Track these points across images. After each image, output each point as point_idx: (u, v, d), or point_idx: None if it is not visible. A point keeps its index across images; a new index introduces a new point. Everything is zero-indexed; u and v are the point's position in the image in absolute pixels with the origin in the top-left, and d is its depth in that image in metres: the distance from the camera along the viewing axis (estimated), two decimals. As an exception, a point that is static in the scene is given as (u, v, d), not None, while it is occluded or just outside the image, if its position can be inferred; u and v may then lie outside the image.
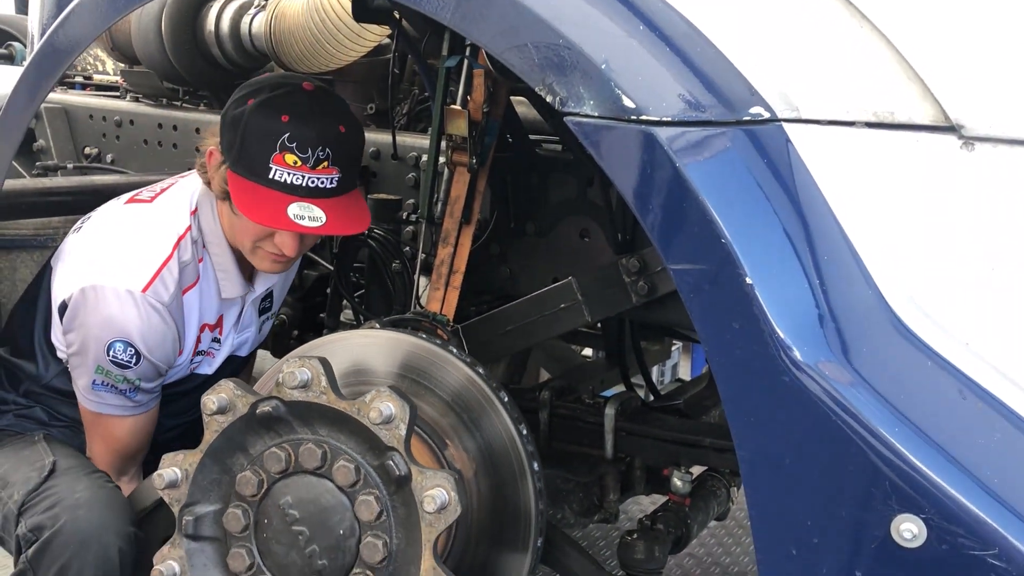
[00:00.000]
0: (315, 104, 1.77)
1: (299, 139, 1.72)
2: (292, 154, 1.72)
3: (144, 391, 1.88)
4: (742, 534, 3.21)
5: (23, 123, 1.80)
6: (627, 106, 1.16)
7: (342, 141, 1.77)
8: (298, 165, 1.72)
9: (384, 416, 1.43)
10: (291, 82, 1.81)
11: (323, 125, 1.74)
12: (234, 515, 1.50)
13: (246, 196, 1.75)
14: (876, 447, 1.07)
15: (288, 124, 1.72)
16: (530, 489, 1.61)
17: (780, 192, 1.18)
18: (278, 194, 1.73)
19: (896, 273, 1.17)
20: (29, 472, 1.82)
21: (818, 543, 1.11)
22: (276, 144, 1.71)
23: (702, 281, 1.14)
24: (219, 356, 2.03)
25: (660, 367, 3.91)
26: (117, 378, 1.83)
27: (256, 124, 1.73)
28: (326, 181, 1.75)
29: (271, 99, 1.75)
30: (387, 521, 1.44)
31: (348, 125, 1.79)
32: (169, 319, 1.83)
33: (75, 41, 1.73)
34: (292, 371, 1.47)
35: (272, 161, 1.72)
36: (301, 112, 1.73)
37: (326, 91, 1.85)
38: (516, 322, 1.98)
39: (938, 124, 1.15)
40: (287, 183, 1.73)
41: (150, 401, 1.93)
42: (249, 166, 1.74)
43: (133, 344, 1.80)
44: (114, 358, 1.80)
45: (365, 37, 2.37)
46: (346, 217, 1.78)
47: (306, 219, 1.73)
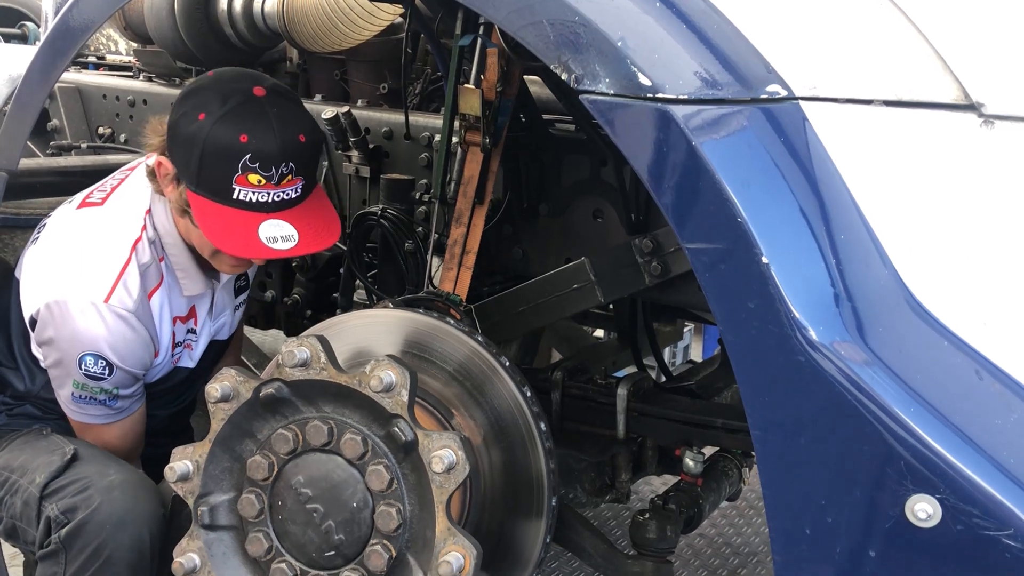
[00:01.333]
0: (272, 115, 1.69)
1: (261, 159, 1.66)
2: (255, 174, 1.67)
3: (124, 397, 1.86)
4: (754, 515, 3.22)
5: (38, 102, 1.80)
6: (643, 84, 1.15)
7: (303, 150, 1.72)
8: (262, 184, 1.67)
9: (385, 384, 1.44)
10: (240, 87, 1.72)
11: (284, 139, 1.68)
12: (248, 500, 1.51)
13: (212, 221, 1.70)
14: (891, 427, 1.06)
15: (248, 144, 1.65)
16: (539, 450, 1.61)
17: (796, 171, 1.17)
18: (245, 214, 1.69)
19: (913, 252, 1.16)
20: (50, 457, 1.82)
21: (832, 523, 1.11)
22: (238, 165, 1.66)
23: (717, 260, 1.14)
24: (198, 346, 2.01)
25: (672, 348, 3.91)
26: (94, 390, 1.81)
27: (214, 145, 1.66)
28: (290, 192, 1.71)
29: (226, 116, 1.66)
30: (399, 489, 1.45)
31: (307, 130, 1.74)
32: (138, 324, 1.80)
33: (88, 21, 1.73)
34: (291, 350, 1.48)
35: (235, 182, 1.67)
36: (260, 128, 1.66)
37: (280, 93, 1.76)
38: (529, 302, 1.98)
39: (958, 102, 1.14)
40: (252, 202, 1.68)
41: (132, 404, 1.91)
42: (211, 188, 1.69)
43: (103, 356, 1.77)
44: (87, 371, 1.78)
45: (378, 16, 2.35)
46: (317, 227, 1.75)
47: (279, 240, 1.69)
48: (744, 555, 3.02)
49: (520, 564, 1.63)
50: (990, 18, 1.13)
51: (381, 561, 1.44)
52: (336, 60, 2.64)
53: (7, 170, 1.86)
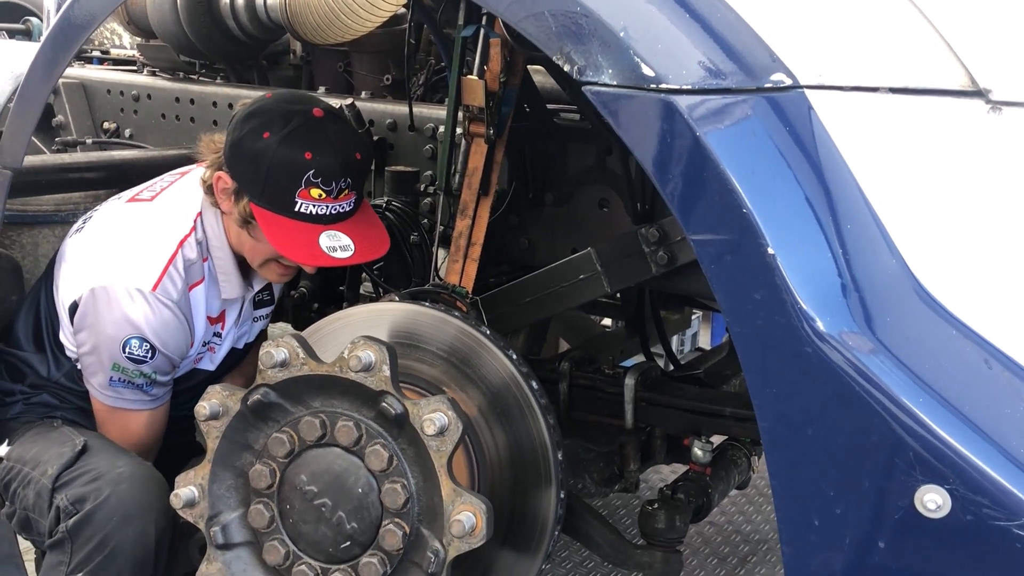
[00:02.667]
0: (333, 135, 1.82)
1: (324, 174, 1.78)
2: (318, 188, 1.79)
3: (160, 384, 1.92)
4: (763, 502, 3.22)
5: (41, 99, 1.80)
6: (646, 74, 1.14)
7: (359, 167, 1.86)
8: (323, 198, 1.79)
9: (364, 363, 1.46)
10: (300, 108, 1.84)
11: (344, 156, 1.81)
12: (257, 512, 1.52)
13: (277, 231, 1.81)
14: (900, 417, 1.06)
15: (312, 161, 1.78)
16: (540, 422, 1.61)
17: (802, 160, 1.16)
18: (305, 225, 1.80)
19: (921, 241, 1.15)
20: (61, 449, 1.84)
21: (841, 513, 1.10)
22: (302, 180, 1.78)
23: (723, 251, 1.13)
24: (220, 350, 2.08)
25: (680, 336, 3.90)
26: (133, 373, 1.87)
27: (280, 161, 1.78)
28: (346, 205, 1.84)
29: (291, 135, 1.79)
30: (400, 464, 1.46)
31: (362, 149, 1.88)
32: (179, 314, 1.88)
33: (90, 16, 1.72)
34: (268, 351, 1.50)
35: (298, 196, 1.79)
36: (323, 147, 1.79)
37: (335, 115, 1.90)
38: (535, 293, 1.97)
39: (965, 89, 1.12)
40: (313, 214, 1.80)
41: (165, 395, 1.97)
42: (274, 200, 1.80)
43: (147, 340, 1.84)
44: (130, 354, 1.84)
45: (381, 7, 2.34)
46: (370, 237, 1.88)
47: (338, 250, 1.81)
48: (754, 542, 3.02)
49: (536, 530, 1.63)
50: (997, 4, 1.12)
51: (396, 539, 1.44)
52: (339, 52, 2.64)
53: (12, 168, 1.86)
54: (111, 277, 1.83)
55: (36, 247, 2.56)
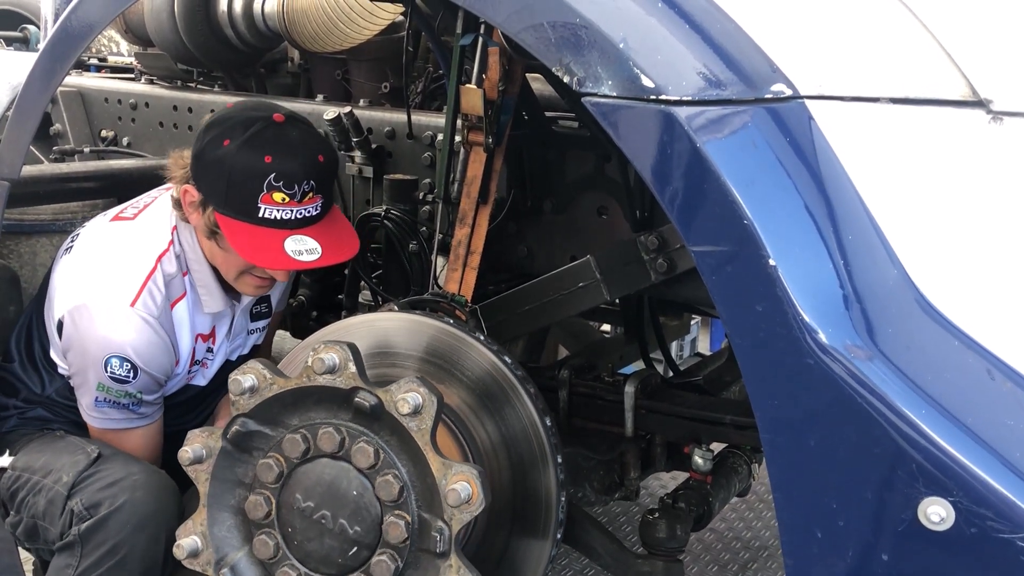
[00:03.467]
0: (294, 138, 1.80)
1: (285, 177, 1.76)
2: (280, 192, 1.76)
3: (147, 403, 1.90)
4: (764, 508, 3.21)
5: (39, 110, 1.79)
6: (646, 86, 1.14)
7: (323, 169, 1.82)
8: (286, 201, 1.77)
9: (328, 366, 1.47)
10: (261, 115, 1.82)
11: (305, 159, 1.79)
12: (261, 543, 1.52)
13: (241, 238, 1.79)
14: (903, 429, 1.05)
15: (272, 164, 1.76)
16: (530, 407, 1.62)
17: (803, 170, 1.16)
18: (270, 231, 1.78)
19: (922, 251, 1.15)
20: (75, 457, 1.84)
21: (844, 525, 1.10)
22: (263, 184, 1.75)
23: (724, 263, 1.13)
24: (213, 365, 2.05)
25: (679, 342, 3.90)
26: (118, 393, 1.85)
27: (240, 167, 1.76)
28: (312, 209, 1.81)
29: (250, 139, 1.77)
30: (387, 456, 1.46)
31: (325, 152, 1.85)
32: (160, 330, 1.86)
33: (88, 26, 1.72)
34: (236, 379, 1.52)
35: (260, 201, 1.76)
36: (282, 150, 1.77)
37: (297, 119, 1.87)
38: (534, 301, 1.97)
39: (966, 99, 1.12)
40: (277, 219, 1.78)
41: (154, 412, 1.95)
42: (237, 207, 1.78)
43: (129, 359, 1.82)
44: (112, 374, 1.82)
45: (379, 15, 2.34)
46: (338, 241, 1.85)
47: (304, 253, 1.79)
48: (755, 549, 3.02)
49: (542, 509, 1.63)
50: (997, 14, 1.11)
51: (400, 530, 1.44)
52: (337, 60, 2.63)
53: (9, 179, 1.86)
54: (91, 295, 1.83)
55: (34, 256, 2.55)
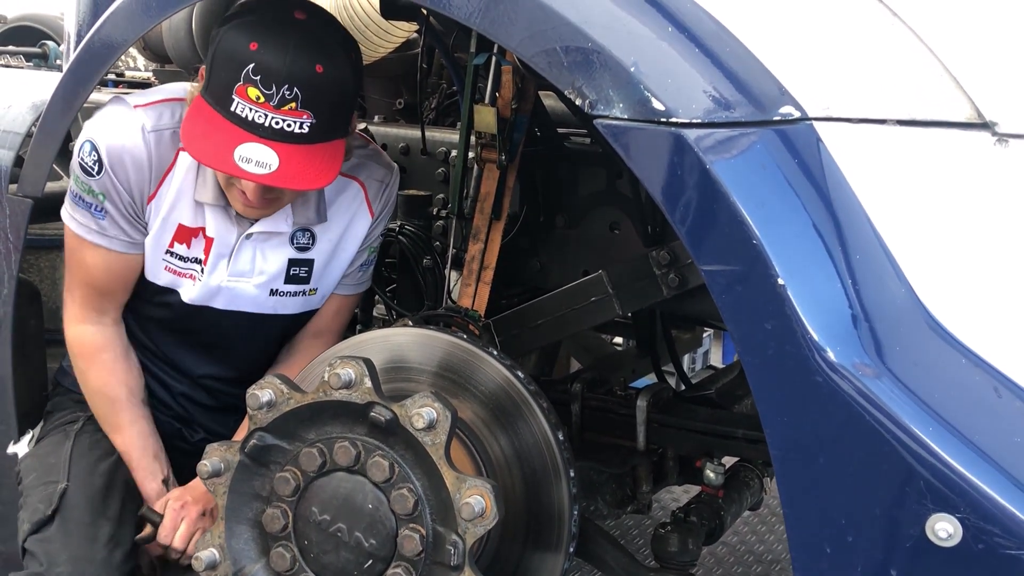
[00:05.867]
0: (296, 36, 1.56)
1: (264, 72, 1.53)
2: (255, 88, 1.54)
3: (111, 217, 1.75)
4: (775, 522, 3.21)
5: (62, 129, 1.83)
6: (657, 108, 1.16)
7: (316, 83, 1.56)
8: (260, 101, 1.54)
9: (345, 381, 1.48)
10: (280, 6, 1.62)
11: (295, 61, 1.54)
12: (278, 555, 1.54)
13: (198, 123, 1.59)
14: (910, 446, 1.07)
15: (256, 53, 1.54)
16: (543, 421, 1.63)
17: (811, 191, 1.17)
18: (235, 129, 1.56)
19: (929, 270, 1.16)
20: (39, 501, 1.82)
21: (853, 541, 1.11)
22: (240, 74, 1.54)
23: (734, 282, 1.14)
24: (200, 282, 1.82)
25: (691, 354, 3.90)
26: (84, 186, 1.73)
27: (225, 48, 1.57)
28: (294, 124, 1.56)
29: (248, 22, 1.57)
30: (401, 470, 1.48)
31: (329, 66, 1.58)
32: (147, 144, 1.71)
33: (111, 47, 1.75)
34: (254, 394, 1.53)
35: (235, 93, 1.55)
36: (275, 43, 1.54)
37: (319, 24, 1.63)
38: (547, 315, 1.99)
39: (971, 121, 1.14)
40: (248, 119, 1.55)
41: (119, 241, 1.79)
42: (215, 94, 1.58)
43: (98, 149, 1.70)
44: (81, 160, 1.72)
45: (393, 33, 2.38)
46: (307, 170, 1.58)
47: (252, 163, 1.54)
48: (767, 563, 3.02)
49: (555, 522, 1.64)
50: (1002, 37, 1.13)
51: (414, 543, 1.46)
52: (352, 76, 2.66)
53: (32, 196, 1.90)
54: (117, 96, 1.79)
55: (53, 271, 2.59)
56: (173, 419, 2.03)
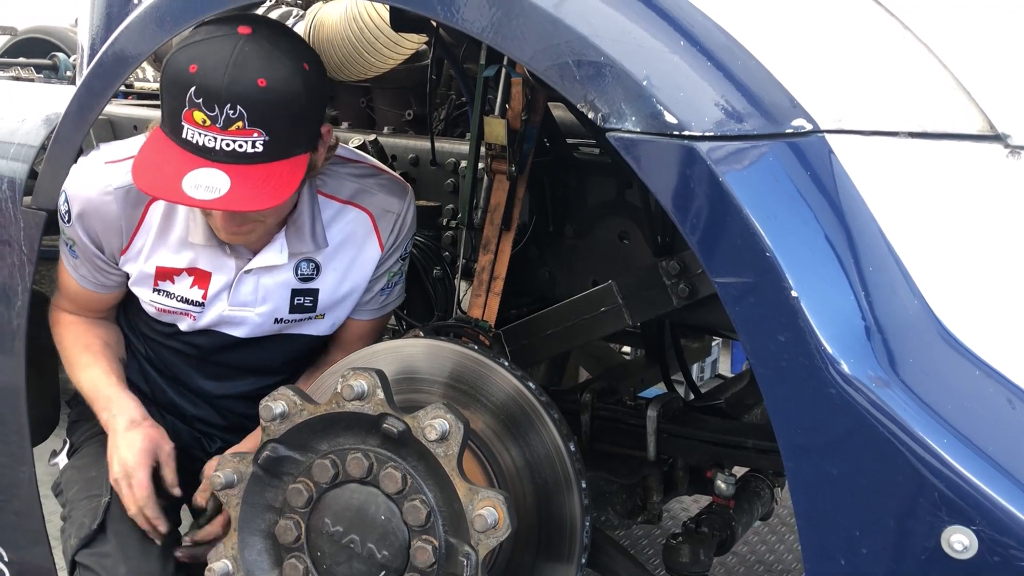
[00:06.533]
0: (237, 52, 1.51)
1: (205, 94, 1.49)
2: (199, 111, 1.49)
3: (81, 261, 1.85)
4: (786, 531, 3.20)
5: (76, 143, 1.84)
6: (669, 122, 1.17)
7: (261, 98, 1.49)
8: (207, 124, 1.50)
9: (357, 392, 1.49)
10: (228, 25, 1.56)
11: (234, 79, 1.48)
12: (291, 567, 1.55)
13: (152, 153, 1.56)
14: (925, 458, 1.07)
15: (195, 75, 1.49)
16: (554, 432, 1.63)
17: (824, 203, 1.18)
18: (187, 156, 1.52)
19: (942, 282, 1.17)
20: (83, 515, 1.83)
21: (867, 553, 1.11)
22: (185, 98, 1.50)
23: (746, 293, 1.15)
24: (201, 319, 1.83)
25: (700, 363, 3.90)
26: (62, 228, 1.84)
27: (169, 74, 1.53)
28: (246, 144, 1.50)
29: (191, 45, 1.54)
30: (414, 481, 1.48)
31: (275, 79, 1.51)
32: (112, 203, 1.73)
33: (124, 61, 1.77)
34: (267, 405, 1.53)
35: (183, 118, 1.51)
36: (214, 62, 1.49)
37: (264, 36, 1.55)
38: (557, 325, 1.99)
39: (983, 133, 1.14)
40: (199, 145, 1.51)
41: (88, 281, 1.88)
42: (168, 123, 1.56)
43: (69, 201, 1.77)
44: (59, 206, 1.81)
45: (403, 45, 2.39)
46: (260, 191, 1.52)
47: (201, 189, 1.49)
48: (778, 573, 3.01)
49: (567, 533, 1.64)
50: (1014, 50, 1.14)
51: (427, 555, 1.46)
52: (362, 88, 2.68)
53: (47, 209, 1.91)
54: (99, 147, 1.82)
55: (66, 282, 2.60)
56: (190, 435, 2.04)
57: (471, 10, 1.30)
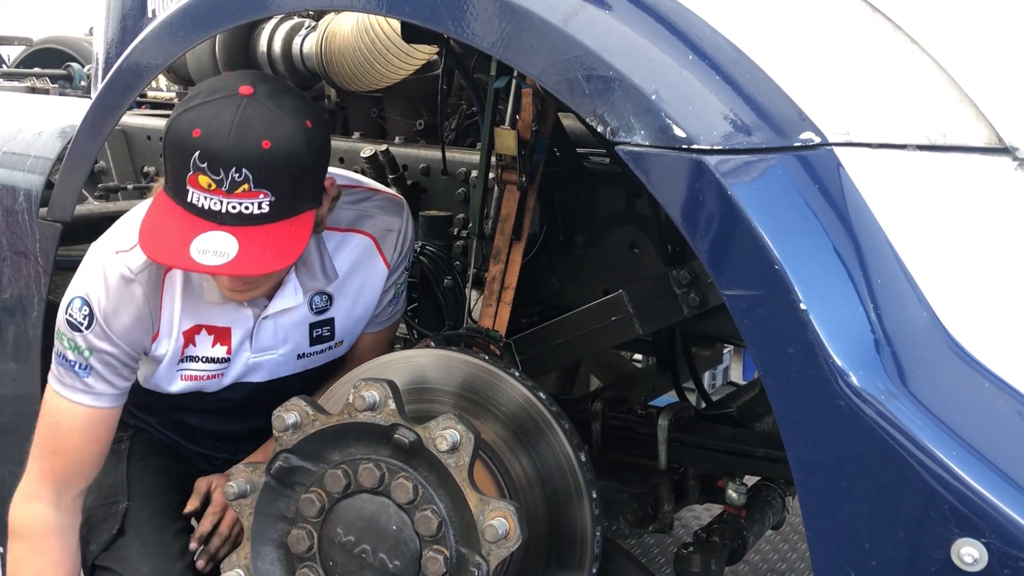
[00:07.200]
0: (239, 114, 1.49)
1: (209, 158, 1.47)
2: (205, 175, 1.48)
3: (97, 374, 1.70)
4: (798, 540, 3.20)
5: (91, 155, 1.87)
6: (678, 135, 1.17)
7: (266, 160, 1.48)
8: (213, 188, 1.48)
9: (369, 403, 1.50)
10: (231, 84, 1.55)
11: (238, 141, 1.47)
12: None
13: (159, 222, 1.54)
14: (934, 470, 1.07)
15: (199, 140, 1.48)
16: (564, 443, 1.64)
17: (832, 216, 1.18)
18: (194, 220, 1.50)
19: (950, 294, 1.17)
20: (102, 521, 1.85)
21: (876, 565, 1.11)
22: (189, 163, 1.48)
23: (755, 306, 1.15)
24: (229, 375, 1.84)
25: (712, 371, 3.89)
26: (68, 344, 1.68)
27: (172, 138, 1.52)
28: (252, 206, 1.49)
29: (193, 109, 1.52)
30: (425, 491, 1.49)
31: (279, 139, 1.49)
32: (138, 290, 1.68)
33: (138, 75, 1.79)
34: (280, 416, 1.55)
35: (188, 183, 1.49)
36: (217, 125, 1.48)
37: (266, 95, 1.53)
38: (567, 335, 2.00)
39: (991, 146, 1.14)
40: (205, 208, 1.49)
41: (107, 396, 1.73)
42: (172, 186, 1.54)
43: (89, 303, 1.65)
44: (70, 316, 1.67)
45: (414, 56, 2.40)
46: (268, 251, 1.51)
47: (209, 254, 1.48)
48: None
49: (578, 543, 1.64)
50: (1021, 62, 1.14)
51: (438, 565, 1.47)
52: (373, 98, 2.70)
53: (62, 221, 1.93)
54: (98, 241, 1.73)
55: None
56: None
57: (481, 25, 1.32)
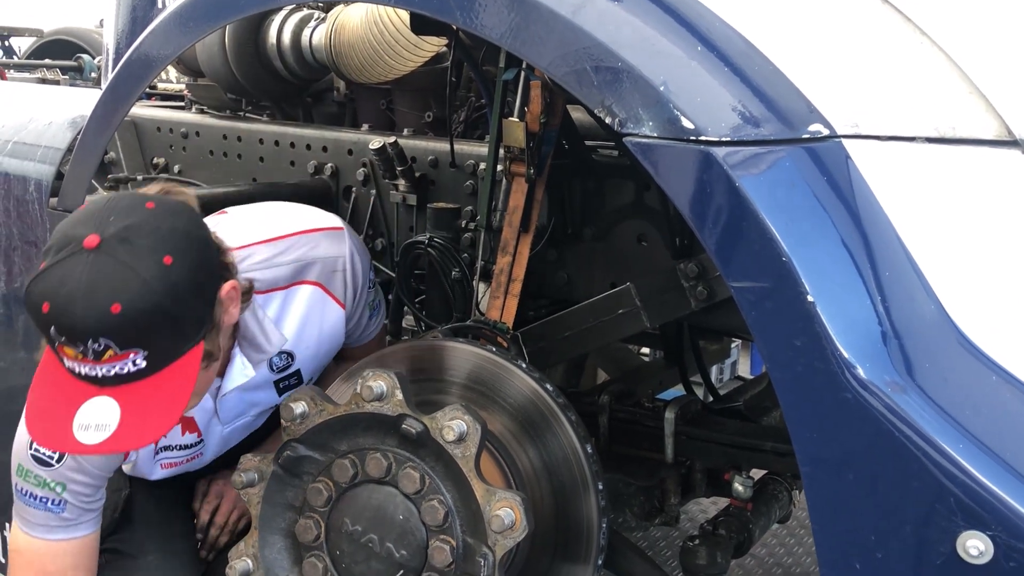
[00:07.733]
0: (85, 279, 1.34)
1: (66, 333, 1.35)
2: (69, 347, 1.37)
3: (72, 504, 1.62)
4: (804, 534, 3.19)
5: (101, 146, 1.88)
6: (686, 127, 1.17)
7: (122, 324, 1.34)
8: (81, 358, 1.36)
9: (377, 393, 1.52)
10: (79, 233, 1.38)
11: (86, 313, 1.33)
12: (310, 565, 1.57)
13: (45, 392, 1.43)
14: (941, 463, 1.07)
15: (50, 315, 1.35)
16: (571, 434, 1.64)
17: (840, 208, 1.18)
18: (77, 384, 1.40)
19: (959, 287, 1.16)
20: (105, 507, 1.81)
21: (882, 558, 1.11)
22: (50, 336, 1.38)
23: (762, 298, 1.15)
24: (208, 453, 1.85)
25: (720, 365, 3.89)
26: (35, 481, 1.60)
27: (30, 312, 1.40)
28: (127, 365, 1.36)
29: (41, 276, 1.38)
30: (432, 482, 1.50)
31: (132, 297, 1.34)
32: None
33: (148, 66, 1.80)
34: (288, 406, 1.56)
35: (58, 351, 1.39)
36: (64, 295, 1.34)
37: (117, 240, 1.37)
38: (575, 328, 2.00)
39: (1001, 138, 1.14)
40: (83, 374, 1.38)
41: (83, 521, 1.66)
42: (50, 351, 1.43)
43: None
44: (35, 451, 1.59)
45: (423, 48, 2.40)
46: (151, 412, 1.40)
47: (91, 430, 1.37)
48: (795, 575, 3.00)
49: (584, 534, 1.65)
50: (1033, 55, 1.14)
51: (445, 555, 1.48)
52: (382, 90, 2.70)
53: (72, 210, 1.94)
54: None
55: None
56: None
57: (490, 16, 1.32)
